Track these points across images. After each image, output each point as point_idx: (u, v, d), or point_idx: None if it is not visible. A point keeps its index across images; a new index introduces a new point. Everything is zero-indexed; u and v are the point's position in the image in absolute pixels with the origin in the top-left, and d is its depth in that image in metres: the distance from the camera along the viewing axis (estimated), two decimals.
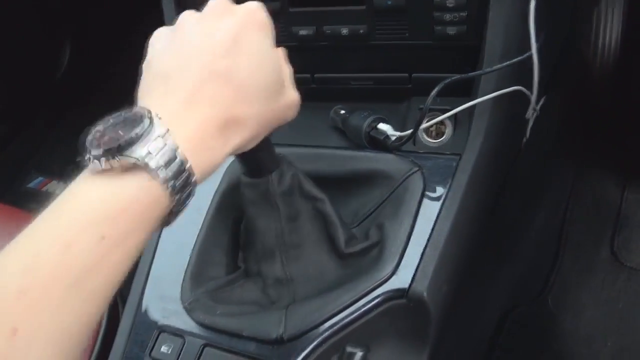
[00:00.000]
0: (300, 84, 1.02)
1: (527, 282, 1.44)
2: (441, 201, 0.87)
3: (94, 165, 0.54)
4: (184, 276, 0.91)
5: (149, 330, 0.90)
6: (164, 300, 0.91)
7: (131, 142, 0.54)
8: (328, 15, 0.96)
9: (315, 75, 1.03)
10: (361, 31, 0.95)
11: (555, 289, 1.48)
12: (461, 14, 0.90)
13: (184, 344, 0.86)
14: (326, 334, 0.80)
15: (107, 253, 0.52)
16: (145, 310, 0.92)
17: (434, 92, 0.85)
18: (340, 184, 0.94)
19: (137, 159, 0.53)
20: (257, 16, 0.68)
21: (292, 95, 0.72)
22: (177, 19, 0.68)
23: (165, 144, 0.55)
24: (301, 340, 0.80)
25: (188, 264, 0.92)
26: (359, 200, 0.93)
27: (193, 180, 0.58)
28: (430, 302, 0.80)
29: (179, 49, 0.65)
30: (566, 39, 1.23)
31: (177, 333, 0.87)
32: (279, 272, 0.85)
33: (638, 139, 1.63)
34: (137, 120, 0.55)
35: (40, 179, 2.23)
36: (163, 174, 0.54)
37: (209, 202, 0.96)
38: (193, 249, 0.93)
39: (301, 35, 0.98)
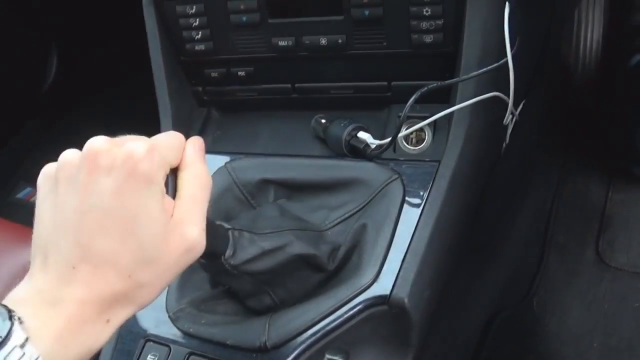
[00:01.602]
0: (281, 94, 1.04)
1: (513, 284, 1.45)
2: (421, 207, 0.88)
3: None
4: (169, 286, 0.91)
5: (135, 340, 0.91)
6: (150, 309, 0.91)
7: None
8: (307, 26, 0.97)
9: (296, 85, 1.04)
10: (340, 41, 0.96)
11: (541, 291, 1.49)
12: (437, 22, 0.91)
13: (169, 353, 0.87)
14: (309, 341, 0.81)
15: None
16: (131, 320, 0.93)
17: (411, 101, 0.86)
18: (320, 192, 0.95)
19: None
20: (141, 169, 0.59)
21: (187, 240, 0.62)
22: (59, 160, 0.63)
23: (24, 353, 0.53)
24: (284, 348, 0.81)
25: None
26: (338, 208, 0.93)
27: None
28: (412, 308, 0.81)
29: (54, 213, 0.60)
30: (545, 42, 1.24)
31: (163, 342, 0.88)
32: (269, 302, 0.86)
33: (621, 139, 1.65)
34: None
35: (28, 189, 2.23)
36: None
37: None
38: None
39: (281, 46, 0.99)
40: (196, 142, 0.68)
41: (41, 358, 0.54)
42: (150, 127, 0.78)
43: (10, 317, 0.54)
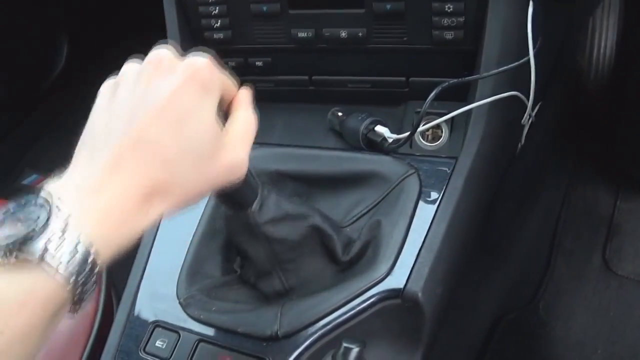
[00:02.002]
0: (298, 85, 1.03)
1: (519, 288, 1.45)
2: (437, 203, 0.87)
3: None
4: (180, 273, 0.91)
5: (144, 325, 0.90)
6: (160, 295, 0.92)
7: (28, 238, 0.52)
8: (327, 18, 0.97)
9: (313, 78, 1.04)
10: (360, 34, 0.96)
11: (547, 296, 1.49)
12: (459, 19, 0.91)
13: (178, 339, 0.87)
14: (320, 332, 0.80)
15: (7, 347, 0.51)
16: (141, 305, 0.93)
17: (431, 96, 0.86)
18: (336, 184, 0.95)
19: (33, 257, 0.51)
20: (201, 75, 0.63)
21: (234, 157, 0.66)
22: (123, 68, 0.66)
23: (65, 239, 0.53)
24: (295, 338, 0.80)
25: (184, 261, 0.92)
26: (354, 200, 0.94)
27: (98, 267, 0.55)
28: (425, 303, 0.81)
29: (111, 109, 0.62)
30: (561, 47, 1.24)
31: (172, 328, 0.88)
32: (278, 286, 0.86)
33: (631, 148, 1.64)
34: (36, 211, 0.53)
35: (34, 176, 2.23)
36: (62, 269, 0.52)
37: (207, 200, 0.97)
38: (190, 246, 0.94)
39: (300, 38, 0.98)
40: (249, 90, 0.72)
41: (82, 244, 0.53)
42: None
43: (49, 203, 0.54)
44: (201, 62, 0.64)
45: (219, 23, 1.01)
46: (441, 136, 0.96)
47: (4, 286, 0.52)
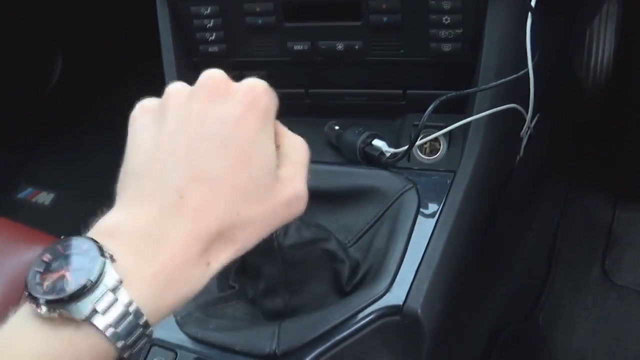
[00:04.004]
0: (294, 99, 1.03)
1: (519, 299, 1.44)
2: (436, 218, 0.86)
3: (35, 308, 0.47)
4: None
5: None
6: None
7: (76, 296, 0.47)
8: (323, 31, 0.96)
9: (310, 91, 1.03)
10: (356, 47, 0.95)
11: (547, 307, 1.48)
12: (457, 31, 0.90)
13: (175, 358, 0.85)
14: (319, 349, 0.79)
15: None
16: None
17: (430, 109, 0.85)
18: (334, 200, 0.94)
19: (80, 318, 0.47)
20: (262, 102, 0.58)
21: (295, 190, 0.60)
22: (164, 91, 0.59)
23: (117, 299, 0.47)
24: (294, 356, 0.79)
25: None
26: (352, 216, 0.92)
27: (149, 332, 0.50)
28: (425, 320, 0.80)
29: (159, 139, 0.55)
30: (558, 58, 1.24)
31: (169, 347, 0.86)
32: (280, 305, 0.84)
33: (629, 158, 1.64)
34: (87, 262, 0.48)
35: (30, 189, 2.22)
36: (111, 333, 0.47)
37: None
38: None
39: (296, 50, 0.98)
40: None
41: (135, 305, 0.48)
42: None
43: (102, 254, 0.48)
44: (261, 88, 0.59)
45: (213, 36, 1.00)
46: (439, 149, 0.95)
47: (46, 346, 0.47)
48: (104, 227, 0.51)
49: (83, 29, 2.34)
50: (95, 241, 0.49)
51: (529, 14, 0.86)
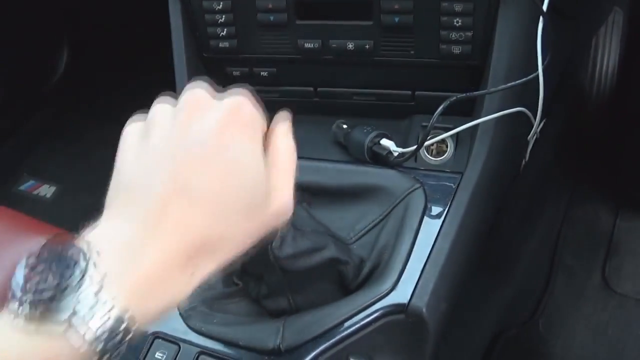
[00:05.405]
0: (303, 97, 1.03)
1: (519, 304, 1.44)
2: (442, 219, 0.87)
3: (17, 311, 0.48)
4: None
5: (144, 335, 0.89)
6: None
7: (56, 297, 0.47)
8: (334, 30, 0.96)
9: (319, 89, 1.03)
10: (367, 46, 0.95)
11: (547, 313, 1.48)
12: (467, 33, 0.90)
13: (178, 351, 0.85)
14: (323, 346, 0.79)
15: None
16: None
17: (439, 110, 0.86)
18: (340, 197, 0.94)
19: (59, 318, 0.47)
20: (243, 112, 0.58)
21: (282, 201, 0.60)
22: (151, 110, 0.60)
23: (97, 302, 0.48)
24: (298, 352, 0.79)
25: None
26: (358, 214, 0.92)
27: (130, 335, 0.50)
28: (429, 319, 0.80)
29: (145, 153, 0.56)
30: (565, 65, 1.24)
31: (173, 340, 0.86)
32: (284, 305, 0.85)
33: (632, 167, 1.65)
34: (70, 265, 0.48)
35: (31, 182, 2.22)
36: (90, 337, 0.47)
37: None
38: None
39: (306, 48, 0.98)
40: (288, 115, 0.66)
41: (117, 309, 0.48)
42: None
43: (85, 259, 0.49)
44: (242, 100, 0.58)
45: (224, 32, 1.00)
46: (446, 151, 0.95)
47: (26, 349, 0.47)
48: (88, 238, 0.52)
49: (89, 23, 2.35)
50: (79, 247, 0.50)
51: (541, 17, 0.86)
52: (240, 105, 0.58)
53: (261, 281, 0.85)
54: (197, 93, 0.58)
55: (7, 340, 0.48)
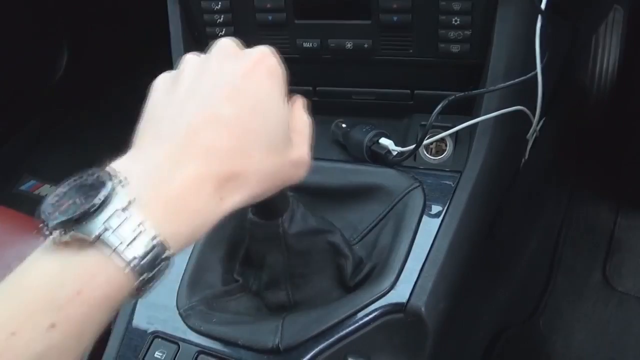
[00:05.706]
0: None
1: (520, 303, 1.44)
2: (441, 218, 0.87)
3: (50, 236, 0.48)
4: (181, 283, 0.90)
5: (143, 335, 0.89)
6: (159, 306, 0.90)
7: (87, 215, 0.48)
8: (333, 29, 0.96)
9: (317, 88, 1.03)
10: (366, 46, 0.95)
11: (547, 311, 1.48)
12: (466, 32, 0.91)
13: (178, 351, 0.85)
14: (322, 345, 0.79)
15: (59, 341, 0.46)
16: (140, 315, 0.91)
17: (438, 109, 0.86)
18: (340, 197, 0.94)
19: (90, 235, 0.47)
20: (268, 62, 0.62)
21: (301, 153, 0.65)
22: (181, 61, 0.63)
23: (126, 218, 0.48)
24: (297, 351, 0.79)
25: (185, 271, 0.91)
26: (358, 213, 0.93)
27: (165, 255, 0.50)
28: (428, 318, 0.80)
29: (177, 92, 0.59)
30: (564, 64, 1.24)
31: (172, 339, 0.87)
32: (283, 299, 0.85)
33: (632, 165, 1.65)
34: (99, 186, 0.49)
35: (32, 182, 2.21)
36: (124, 251, 0.48)
37: None
38: (190, 256, 0.93)
39: (305, 48, 0.98)
40: (304, 99, 0.72)
41: (148, 227, 0.49)
42: None
43: (112, 180, 0.49)
44: (267, 52, 0.63)
45: (223, 31, 1.01)
46: (445, 150, 0.95)
47: (57, 270, 0.48)
48: (117, 164, 0.53)
49: (89, 22, 2.35)
50: (107, 171, 0.51)
51: (539, 16, 0.86)
52: (266, 55, 0.63)
53: (261, 271, 0.85)
54: (226, 42, 0.63)
55: (40, 265, 0.49)
